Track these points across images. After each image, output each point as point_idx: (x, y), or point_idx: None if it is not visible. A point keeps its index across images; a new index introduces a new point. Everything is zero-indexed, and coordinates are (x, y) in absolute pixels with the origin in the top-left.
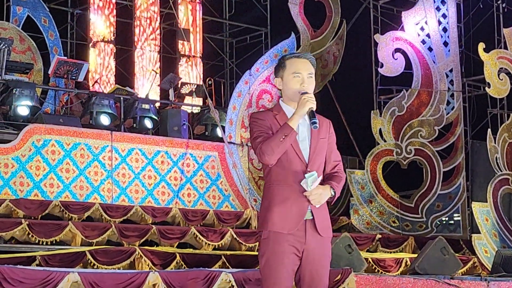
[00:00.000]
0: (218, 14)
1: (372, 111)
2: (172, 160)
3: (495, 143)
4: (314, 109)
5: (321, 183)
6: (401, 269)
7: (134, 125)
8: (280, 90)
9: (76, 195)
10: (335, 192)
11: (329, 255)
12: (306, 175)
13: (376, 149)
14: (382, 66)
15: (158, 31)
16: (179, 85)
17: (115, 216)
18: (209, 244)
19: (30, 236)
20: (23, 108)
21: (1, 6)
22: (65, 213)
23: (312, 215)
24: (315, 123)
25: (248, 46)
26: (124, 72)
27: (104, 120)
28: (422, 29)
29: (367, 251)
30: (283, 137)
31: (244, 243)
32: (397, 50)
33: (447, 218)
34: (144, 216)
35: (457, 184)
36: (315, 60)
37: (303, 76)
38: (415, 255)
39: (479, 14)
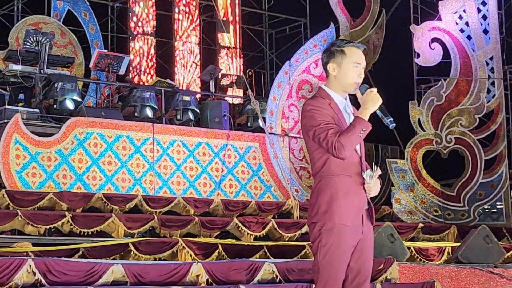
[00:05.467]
0: (257, 5)
1: (410, 102)
2: (213, 151)
3: None
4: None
5: None
6: (443, 258)
7: (177, 116)
8: (328, 75)
9: (118, 187)
10: (380, 182)
11: (373, 243)
12: (370, 169)
13: (415, 139)
14: (418, 56)
15: (198, 23)
16: (219, 77)
17: (157, 207)
18: (250, 234)
19: (73, 228)
20: (70, 101)
21: (42, 1)
22: (108, 205)
23: (368, 205)
24: (392, 121)
25: (287, 36)
26: (165, 64)
27: (149, 112)
28: (460, 17)
29: (410, 240)
30: (362, 131)
31: (285, 233)
32: (434, 40)
33: (489, 207)
34: (186, 207)
35: (499, 172)
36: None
37: (360, 68)
38: (458, 244)
39: None
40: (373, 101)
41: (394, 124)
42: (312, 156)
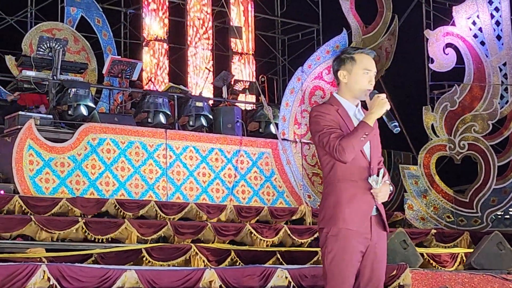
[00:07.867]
0: (270, 12)
1: (423, 107)
2: (226, 157)
3: None
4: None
5: None
6: (456, 264)
7: (190, 122)
8: (339, 82)
9: (131, 193)
10: (393, 188)
11: (386, 250)
12: (377, 174)
13: (428, 144)
14: (432, 61)
15: (210, 29)
16: (232, 83)
17: (170, 213)
18: (263, 241)
19: (86, 234)
20: (83, 107)
21: (56, 7)
22: (121, 211)
23: (378, 211)
24: (396, 126)
25: (300, 43)
26: (178, 70)
27: (162, 118)
28: (474, 23)
29: (422, 246)
30: (364, 136)
31: (298, 239)
32: (448, 45)
33: (502, 213)
34: (199, 213)
35: None
36: None
37: (371, 74)
38: (471, 250)
39: None
40: (379, 106)
41: (399, 129)
42: (321, 161)
